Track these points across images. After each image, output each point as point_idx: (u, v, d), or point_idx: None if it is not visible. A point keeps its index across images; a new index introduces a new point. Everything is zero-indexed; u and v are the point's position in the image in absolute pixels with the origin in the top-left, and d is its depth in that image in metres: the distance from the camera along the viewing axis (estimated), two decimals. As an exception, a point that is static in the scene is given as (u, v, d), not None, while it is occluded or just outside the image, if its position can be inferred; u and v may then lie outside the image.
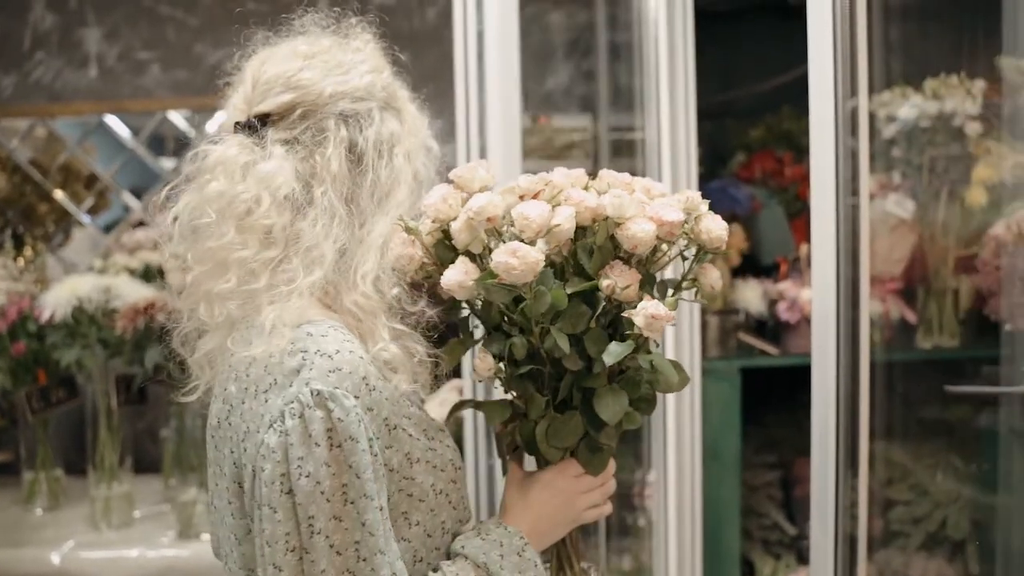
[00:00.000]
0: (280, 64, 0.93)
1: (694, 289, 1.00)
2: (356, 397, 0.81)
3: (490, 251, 0.91)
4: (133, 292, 1.99)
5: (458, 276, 0.92)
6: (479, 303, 0.97)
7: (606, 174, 0.99)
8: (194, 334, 0.94)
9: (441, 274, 0.95)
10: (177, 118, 2.62)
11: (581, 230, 0.94)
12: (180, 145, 2.64)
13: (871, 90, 1.35)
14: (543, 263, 0.89)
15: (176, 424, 2.02)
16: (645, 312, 0.91)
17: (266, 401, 0.82)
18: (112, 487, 2.00)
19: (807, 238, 2.26)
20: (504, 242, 0.91)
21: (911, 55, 1.87)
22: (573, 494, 0.98)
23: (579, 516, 0.99)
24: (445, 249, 0.97)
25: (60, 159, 2.58)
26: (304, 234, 0.88)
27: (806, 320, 2.12)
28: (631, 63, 2.09)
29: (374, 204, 0.91)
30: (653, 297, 0.94)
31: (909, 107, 1.87)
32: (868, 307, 1.15)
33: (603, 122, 2.50)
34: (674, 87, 1.95)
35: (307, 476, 0.78)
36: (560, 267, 0.95)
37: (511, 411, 0.99)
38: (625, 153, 2.26)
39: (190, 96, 2.58)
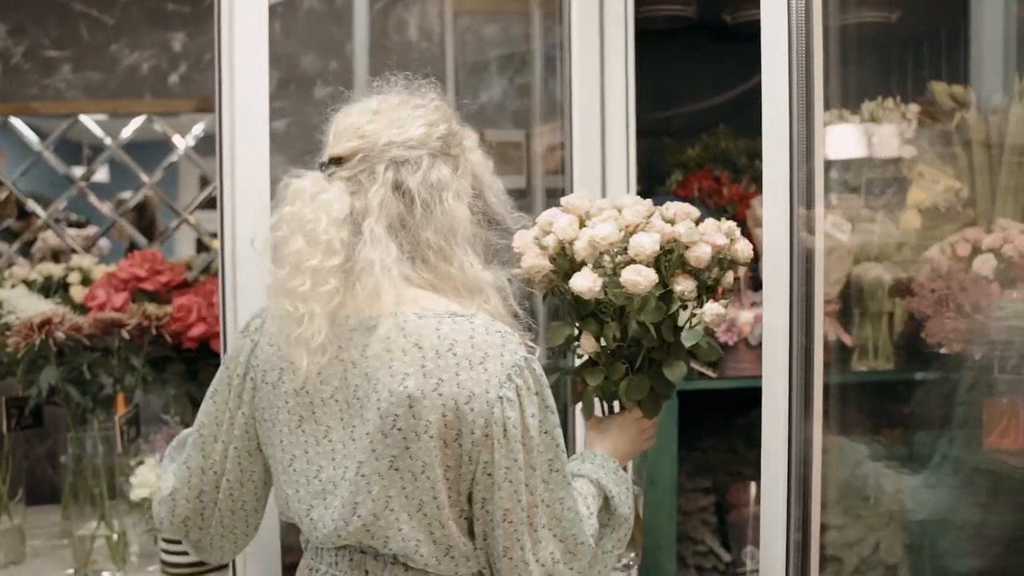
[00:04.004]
0: (354, 117, 1.17)
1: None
2: None
3: (600, 265, 1.29)
4: (30, 306, 1.85)
5: (587, 283, 1.28)
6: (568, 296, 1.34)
7: (672, 205, 1.35)
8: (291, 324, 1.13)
9: (558, 278, 1.33)
10: (90, 122, 2.47)
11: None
12: (95, 152, 2.50)
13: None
14: (656, 280, 1.26)
15: (75, 451, 1.88)
16: (712, 311, 1.30)
17: (486, 369, 1.08)
18: (1, 520, 1.84)
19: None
20: (611, 259, 1.29)
21: (849, 78, 1.87)
22: (637, 431, 1.38)
23: (640, 446, 1.40)
24: (562, 259, 1.33)
25: (-43, 162, 2.40)
26: (362, 255, 1.12)
27: (744, 342, 2.09)
28: (564, 77, 2.05)
29: (444, 239, 1.16)
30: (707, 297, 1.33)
31: (846, 129, 1.87)
32: (823, 329, 1.13)
33: (537, 138, 2.45)
34: (607, 104, 1.92)
35: (532, 416, 1.09)
36: None
37: (604, 375, 1.35)
38: (560, 169, 2.21)
39: (105, 99, 2.44)
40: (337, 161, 1.16)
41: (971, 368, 1.66)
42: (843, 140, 1.87)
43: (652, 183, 2.46)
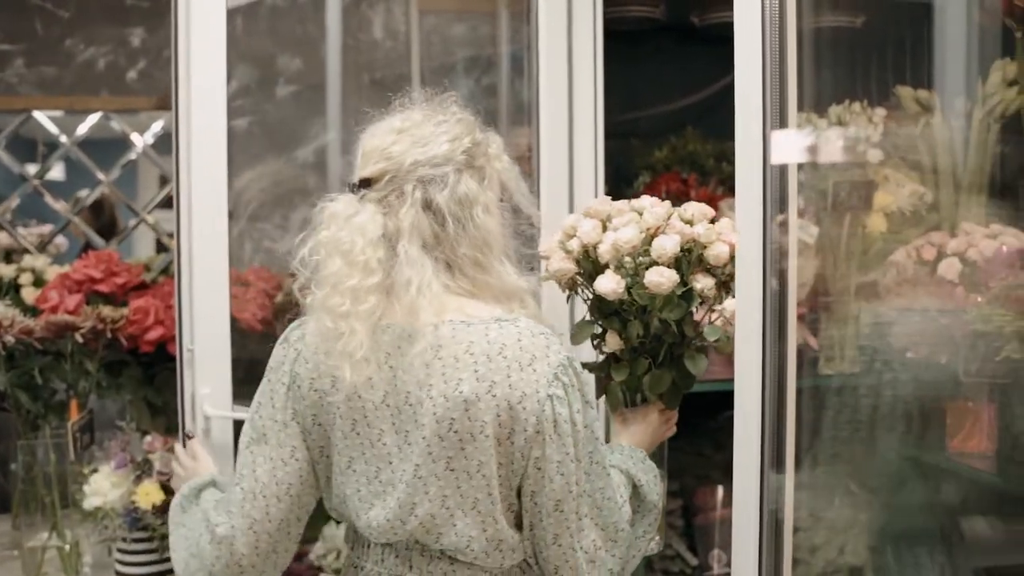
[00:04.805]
0: (379, 138, 1.22)
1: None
2: None
3: (623, 266, 1.36)
4: (-23, 309, 1.79)
5: (611, 284, 1.35)
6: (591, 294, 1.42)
7: (690, 206, 1.41)
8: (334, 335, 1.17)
9: (583, 279, 1.41)
10: (44, 119, 2.41)
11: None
12: (50, 149, 2.43)
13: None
14: (678, 281, 1.34)
15: (25, 458, 1.82)
16: (733, 305, 1.33)
17: (535, 370, 1.15)
18: (-53, 531, 1.78)
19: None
20: (633, 260, 1.35)
21: (815, 81, 1.87)
22: (659, 423, 1.45)
23: (662, 435, 1.47)
24: (587, 262, 1.41)
25: (-97, 159, 2.32)
26: (399, 275, 1.17)
27: (710, 346, 2.09)
28: (532, 78, 2.04)
29: (480, 252, 1.21)
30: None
31: (812, 133, 1.86)
32: (796, 334, 1.13)
33: (505, 139, 2.42)
34: (576, 105, 1.91)
35: (578, 412, 1.17)
36: None
37: (628, 371, 1.41)
38: (528, 171, 2.20)
39: (59, 95, 2.38)
40: (366, 183, 1.21)
41: (936, 372, 1.67)
42: (810, 143, 1.87)
43: (620, 185, 2.45)
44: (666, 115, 2.59)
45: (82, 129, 2.42)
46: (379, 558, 1.22)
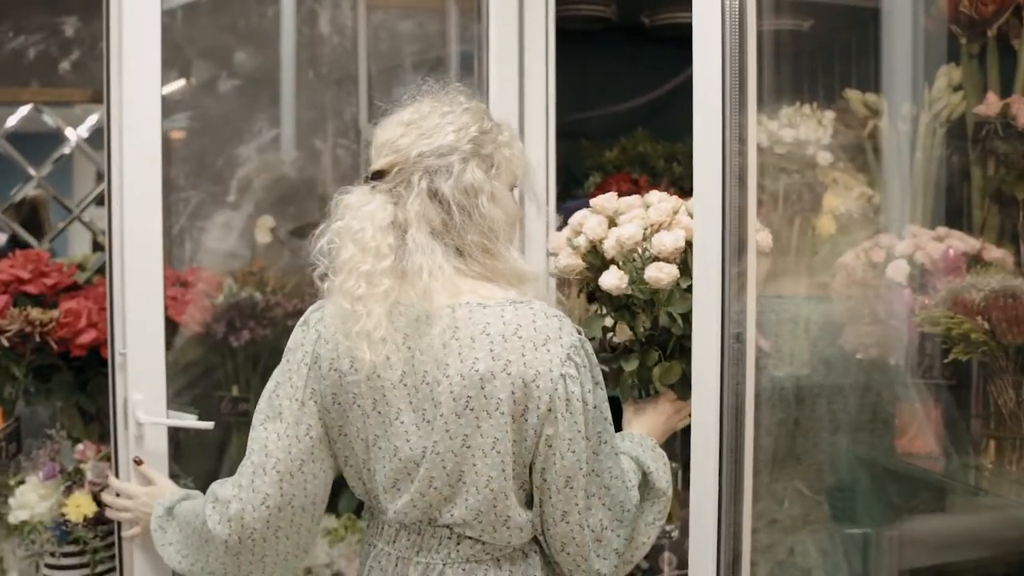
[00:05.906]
0: (388, 131, 1.28)
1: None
2: None
3: (631, 260, 1.41)
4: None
5: (615, 280, 1.40)
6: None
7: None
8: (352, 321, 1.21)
9: (589, 273, 1.46)
10: (-31, 111, 2.30)
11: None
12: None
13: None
14: (678, 276, 1.37)
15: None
16: None
17: (548, 350, 1.19)
18: None
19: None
20: (640, 255, 1.40)
21: (768, 84, 1.88)
22: (672, 412, 1.48)
23: (674, 426, 1.49)
24: (593, 257, 1.46)
25: None
26: (410, 261, 1.21)
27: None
28: (482, 77, 2.01)
29: (487, 239, 1.25)
30: None
31: (764, 134, 1.87)
32: (755, 334, 1.12)
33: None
34: (527, 105, 1.89)
35: (589, 392, 1.21)
36: None
37: (638, 362, 1.45)
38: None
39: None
40: (378, 175, 1.26)
41: (884, 373, 1.68)
42: (764, 145, 1.87)
43: (570, 185, 2.44)
44: (616, 115, 2.59)
45: (11, 122, 2.32)
46: (391, 538, 1.27)
